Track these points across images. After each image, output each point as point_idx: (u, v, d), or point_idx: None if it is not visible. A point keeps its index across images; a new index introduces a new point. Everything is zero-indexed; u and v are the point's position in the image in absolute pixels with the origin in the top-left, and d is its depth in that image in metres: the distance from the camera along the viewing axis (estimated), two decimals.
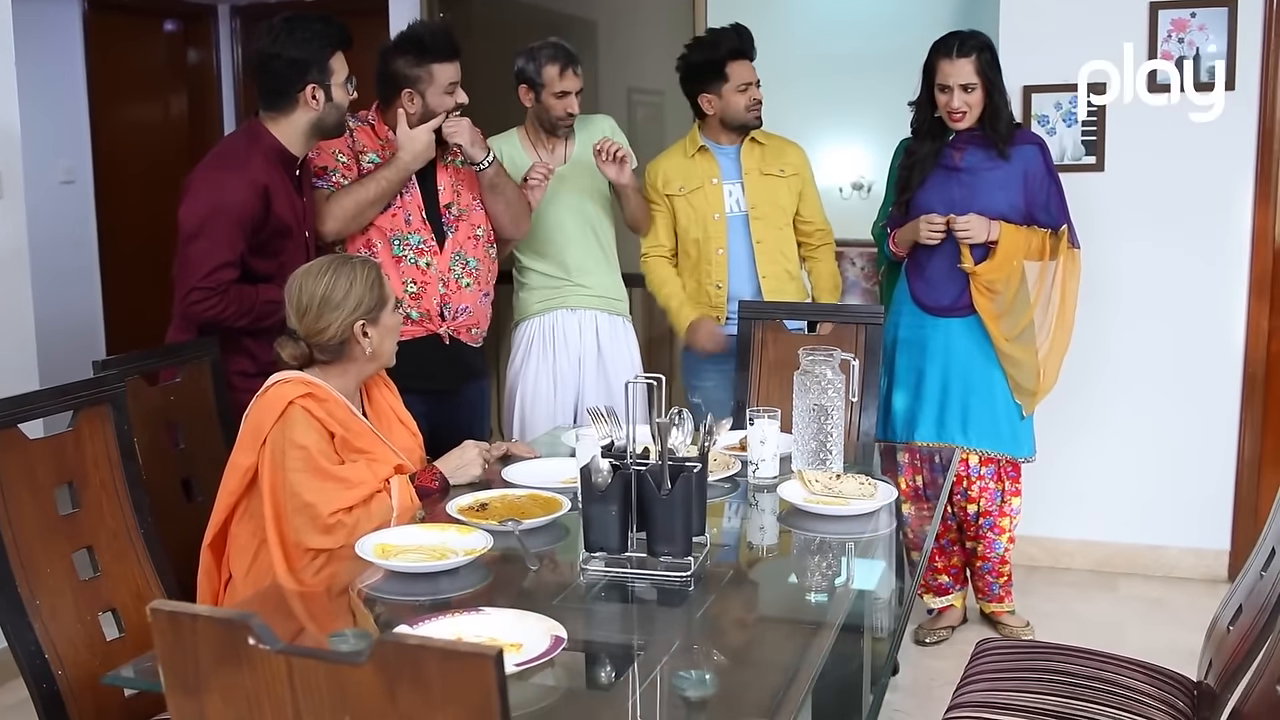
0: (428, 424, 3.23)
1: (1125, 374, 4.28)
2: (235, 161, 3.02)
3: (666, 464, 1.98)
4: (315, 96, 3.03)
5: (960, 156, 3.53)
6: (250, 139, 3.07)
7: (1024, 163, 3.51)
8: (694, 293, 3.82)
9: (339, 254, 2.58)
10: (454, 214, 3.41)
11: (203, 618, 1.33)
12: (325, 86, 3.03)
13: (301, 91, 3.01)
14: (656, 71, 5.28)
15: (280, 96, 3.03)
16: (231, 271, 2.95)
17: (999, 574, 3.73)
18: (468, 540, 2.15)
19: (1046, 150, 3.60)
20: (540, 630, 1.72)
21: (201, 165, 3.06)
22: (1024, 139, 3.57)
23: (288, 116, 3.05)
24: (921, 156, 3.57)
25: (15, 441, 2.17)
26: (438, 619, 1.76)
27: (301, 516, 2.39)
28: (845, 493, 2.42)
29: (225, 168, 3.02)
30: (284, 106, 3.04)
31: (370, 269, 2.52)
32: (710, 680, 1.62)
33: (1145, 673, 2.44)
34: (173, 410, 2.79)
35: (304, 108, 3.03)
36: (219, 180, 2.99)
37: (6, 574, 2.11)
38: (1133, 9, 4.11)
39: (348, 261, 2.52)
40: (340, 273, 2.48)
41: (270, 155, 3.03)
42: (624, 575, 2.07)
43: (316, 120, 3.06)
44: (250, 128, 3.10)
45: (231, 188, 2.96)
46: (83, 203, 5.52)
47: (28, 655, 2.12)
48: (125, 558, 2.36)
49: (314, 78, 3.01)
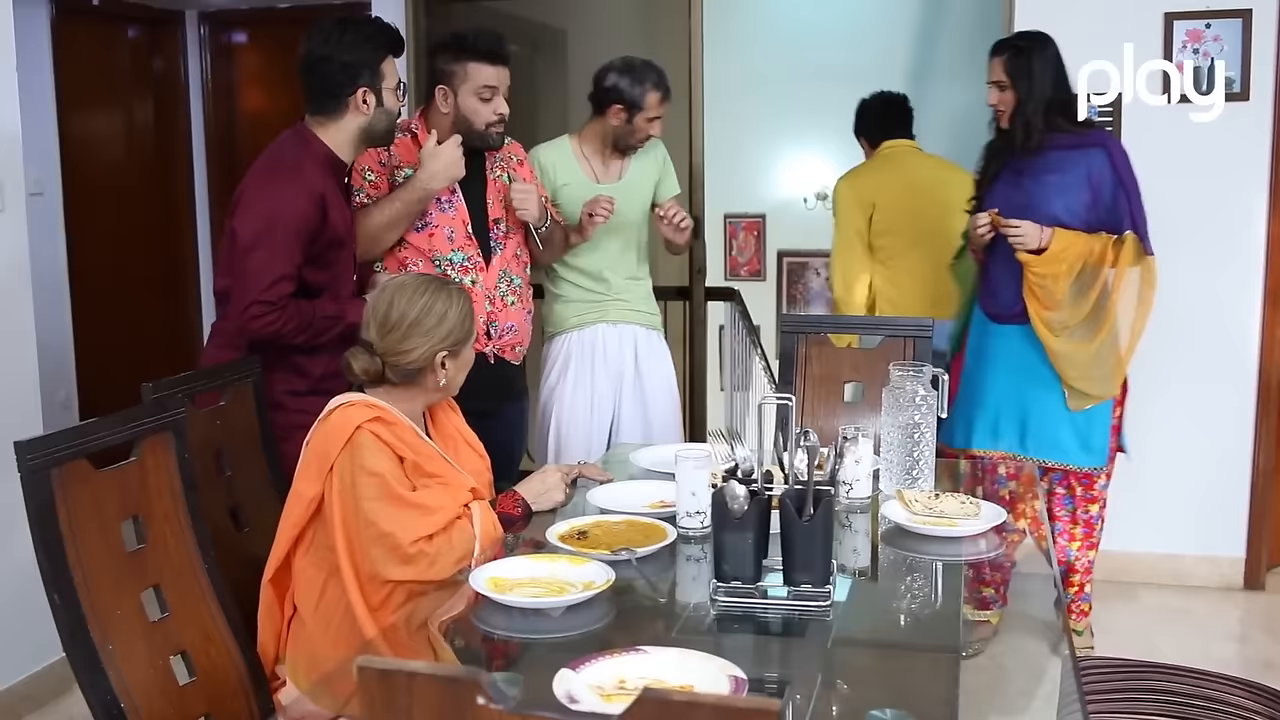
0: None
1: (1139, 382, 4.26)
2: (289, 169, 2.86)
3: (812, 489, 1.88)
4: (366, 101, 2.89)
5: (1027, 164, 3.48)
6: (301, 145, 2.92)
7: (1087, 166, 3.43)
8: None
9: (435, 276, 2.44)
10: (501, 230, 3.30)
11: (421, 676, 1.20)
12: (377, 91, 2.90)
13: (352, 95, 2.88)
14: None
15: (330, 100, 2.89)
16: (289, 285, 2.79)
17: (1068, 584, 3.67)
18: (583, 572, 2.02)
19: (1117, 154, 3.46)
20: (712, 670, 1.60)
21: (253, 174, 2.90)
22: (1091, 141, 3.46)
23: (337, 121, 2.90)
24: (991, 155, 3.56)
25: (84, 473, 2.02)
26: (597, 660, 1.64)
27: (380, 547, 2.24)
28: (948, 512, 2.34)
29: (280, 177, 2.85)
30: (334, 110, 2.89)
31: (465, 301, 2.39)
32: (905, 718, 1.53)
33: (1248, 690, 2.39)
34: (219, 435, 2.62)
35: (354, 112, 2.90)
36: (274, 189, 2.83)
37: (79, 618, 1.96)
38: (1148, 20, 4.12)
39: (445, 287, 2.38)
40: (437, 297, 2.34)
41: (322, 162, 2.89)
42: (757, 605, 1.97)
43: (367, 126, 2.92)
44: (299, 133, 2.94)
45: (288, 197, 2.80)
46: (51, 215, 5.26)
47: (104, 706, 1.96)
48: (191, 595, 2.20)
49: (365, 81, 2.88)
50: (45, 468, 1.94)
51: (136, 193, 5.97)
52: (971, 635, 3.76)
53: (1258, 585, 4.32)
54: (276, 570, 2.38)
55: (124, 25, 5.92)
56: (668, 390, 3.76)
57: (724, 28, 6.20)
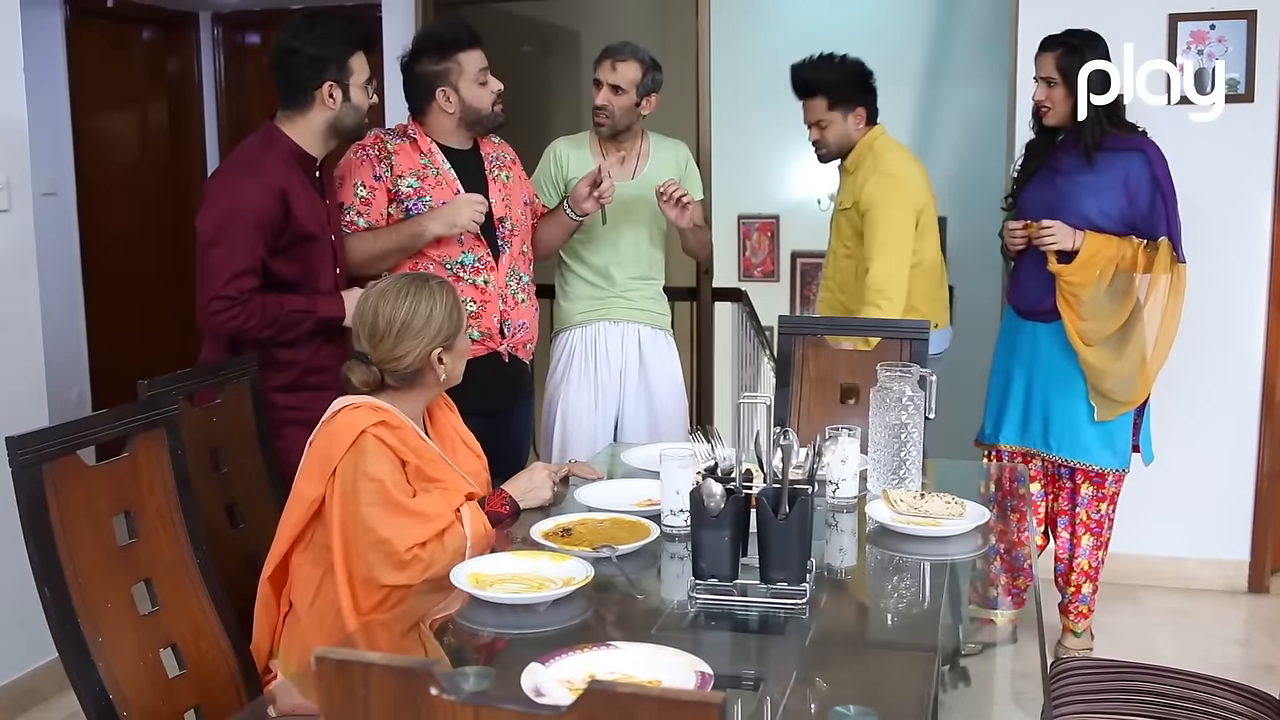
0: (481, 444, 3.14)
1: None
2: (250, 166, 2.92)
3: (786, 488, 1.89)
4: (333, 95, 2.94)
5: (1062, 158, 3.48)
6: (265, 142, 2.97)
7: (1124, 169, 3.41)
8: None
9: (413, 274, 2.46)
10: (507, 228, 3.33)
11: (377, 667, 1.23)
12: (344, 86, 2.95)
13: (319, 89, 2.93)
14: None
15: (297, 93, 2.94)
16: (251, 279, 2.84)
17: (1066, 582, 3.68)
18: (563, 569, 2.05)
19: (1155, 158, 3.43)
20: (681, 666, 1.62)
21: (217, 172, 3.00)
22: (1129, 145, 3.43)
23: (304, 115, 2.96)
24: (1030, 153, 3.57)
25: (76, 468, 2.05)
26: (568, 655, 1.66)
27: (376, 552, 2.27)
28: (933, 512, 2.36)
29: (240, 173, 2.92)
30: (301, 104, 2.95)
31: (448, 293, 2.41)
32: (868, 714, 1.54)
33: (1233, 691, 2.40)
34: (215, 433, 2.66)
35: (321, 106, 2.95)
36: (234, 186, 2.89)
37: (68, 612, 1.99)
38: (1152, 21, 4.11)
39: (425, 284, 2.40)
40: (419, 297, 2.36)
41: (287, 157, 2.93)
42: (734, 603, 1.99)
43: (333, 120, 2.97)
44: (266, 131, 3.00)
45: (247, 192, 2.86)
46: (65, 214, 5.33)
47: (93, 697, 1.99)
48: (183, 590, 2.24)
49: (332, 75, 2.93)
50: (36, 463, 1.97)
51: (151, 192, 6.04)
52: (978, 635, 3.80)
53: (1261, 588, 4.30)
54: (275, 568, 2.41)
55: (138, 27, 5.99)
56: (673, 389, 3.78)
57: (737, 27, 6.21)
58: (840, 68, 3.71)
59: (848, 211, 3.70)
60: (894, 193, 3.59)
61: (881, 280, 3.52)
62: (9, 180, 3.34)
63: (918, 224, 3.61)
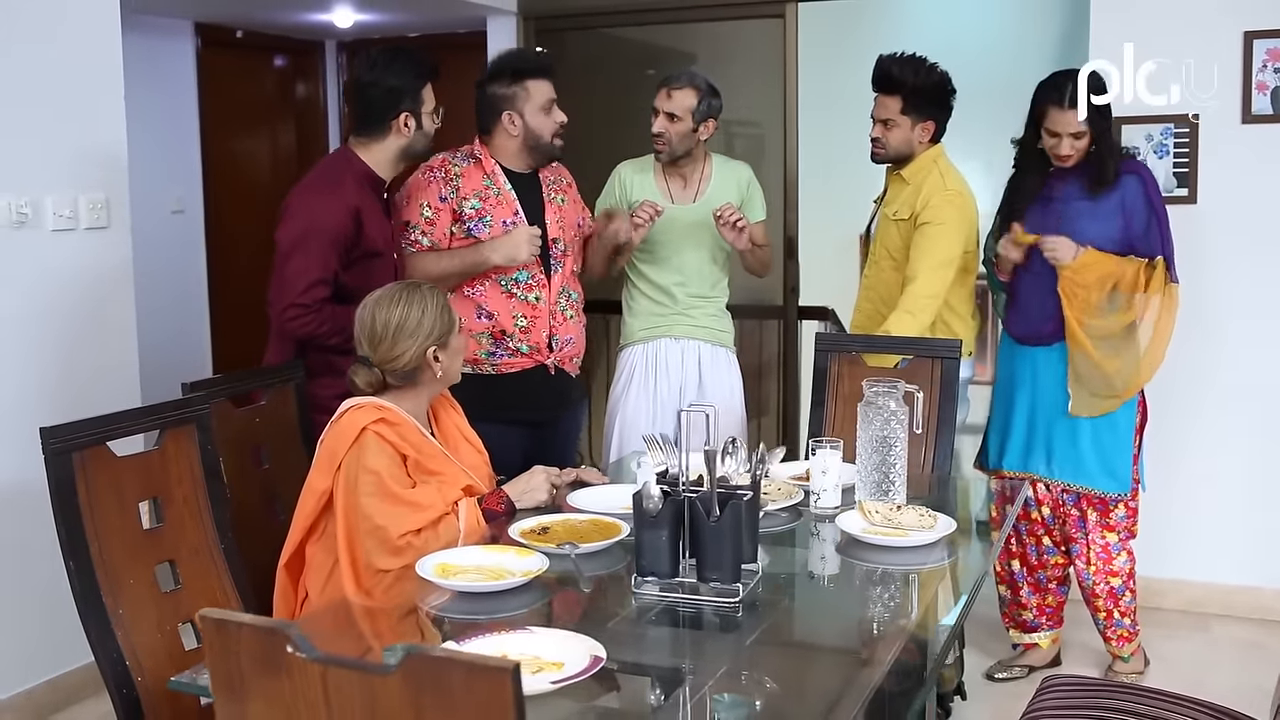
0: (523, 452, 3.33)
1: (1222, 409, 4.18)
2: (329, 185, 3.18)
3: (715, 491, 2.01)
4: (407, 124, 3.20)
5: (1057, 187, 3.49)
6: (343, 165, 3.25)
7: (1121, 193, 3.42)
8: None
9: (406, 282, 2.68)
10: (560, 249, 3.52)
11: (246, 626, 1.40)
12: (417, 114, 3.21)
13: (395, 119, 3.19)
14: (755, 103, 5.31)
15: (375, 123, 3.21)
16: (325, 289, 3.09)
17: (1094, 608, 3.64)
18: (525, 562, 2.20)
19: (1149, 181, 3.45)
20: (581, 650, 1.76)
21: (297, 189, 3.23)
22: (1127, 169, 3.46)
23: (380, 142, 3.21)
24: (1024, 190, 3.54)
25: (104, 458, 2.29)
26: (486, 637, 1.82)
27: (372, 539, 2.47)
28: (904, 524, 2.42)
29: (319, 191, 3.18)
30: (377, 132, 3.21)
31: (438, 296, 2.61)
32: (747, 705, 1.64)
33: (1214, 715, 2.38)
34: (257, 431, 2.90)
35: (396, 134, 3.21)
36: (314, 202, 3.15)
37: (92, 584, 2.22)
38: (1227, 38, 4.04)
39: (417, 289, 2.61)
40: (411, 301, 2.57)
41: (361, 179, 3.19)
42: (675, 600, 2.10)
43: (406, 146, 3.24)
44: (342, 153, 3.28)
45: (326, 209, 3.12)
46: (193, 231, 5.75)
47: (110, 662, 2.21)
48: (206, 572, 2.46)
49: (407, 106, 3.19)
50: (66, 451, 2.21)
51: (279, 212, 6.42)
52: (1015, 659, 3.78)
53: None
54: (290, 556, 2.62)
55: (269, 55, 6.42)
56: (730, 404, 3.89)
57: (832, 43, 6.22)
58: (926, 74, 3.67)
59: (902, 222, 3.68)
60: (958, 215, 3.59)
61: (925, 295, 3.52)
62: (108, 200, 3.66)
63: (965, 249, 3.64)
